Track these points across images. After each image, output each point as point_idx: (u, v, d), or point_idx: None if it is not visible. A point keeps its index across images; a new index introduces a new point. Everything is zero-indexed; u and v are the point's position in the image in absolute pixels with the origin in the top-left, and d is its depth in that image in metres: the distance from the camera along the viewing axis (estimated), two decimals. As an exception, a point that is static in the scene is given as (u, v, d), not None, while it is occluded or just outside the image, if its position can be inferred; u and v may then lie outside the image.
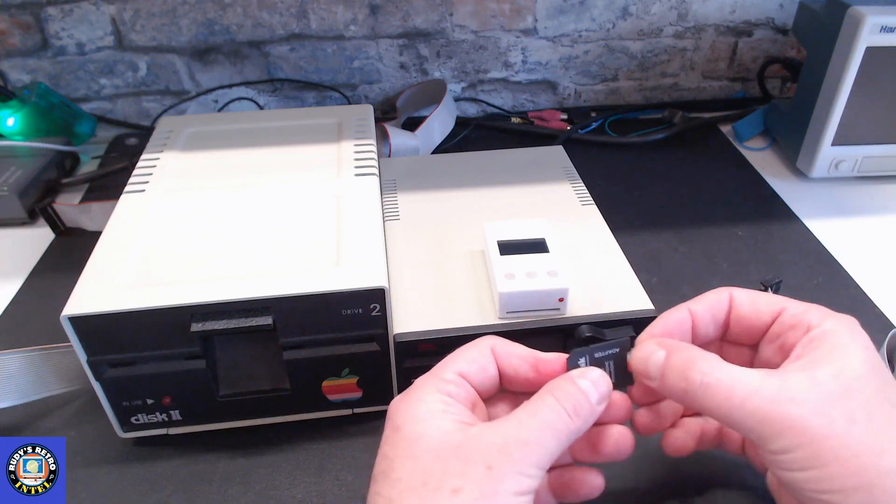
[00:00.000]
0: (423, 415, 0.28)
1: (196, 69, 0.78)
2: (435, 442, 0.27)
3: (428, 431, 0.27)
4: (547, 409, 0.28)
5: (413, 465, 0.27)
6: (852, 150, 0.64)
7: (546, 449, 0.27)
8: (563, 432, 0.28)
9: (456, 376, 0.30)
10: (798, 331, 0.30)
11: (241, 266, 0.39)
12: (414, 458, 0.27)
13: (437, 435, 0.27)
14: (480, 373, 0.31)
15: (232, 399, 0.40)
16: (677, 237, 0.59)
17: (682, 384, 0.29)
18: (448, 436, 0.27)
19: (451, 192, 0.55)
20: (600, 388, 0.30)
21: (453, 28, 0.77)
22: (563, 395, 0.29)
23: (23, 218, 0.63)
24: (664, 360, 0.30)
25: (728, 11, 0.79)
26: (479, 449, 0.26)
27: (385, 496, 0.26)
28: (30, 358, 0.41)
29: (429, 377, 0.30)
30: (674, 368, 0.29)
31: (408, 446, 0.27)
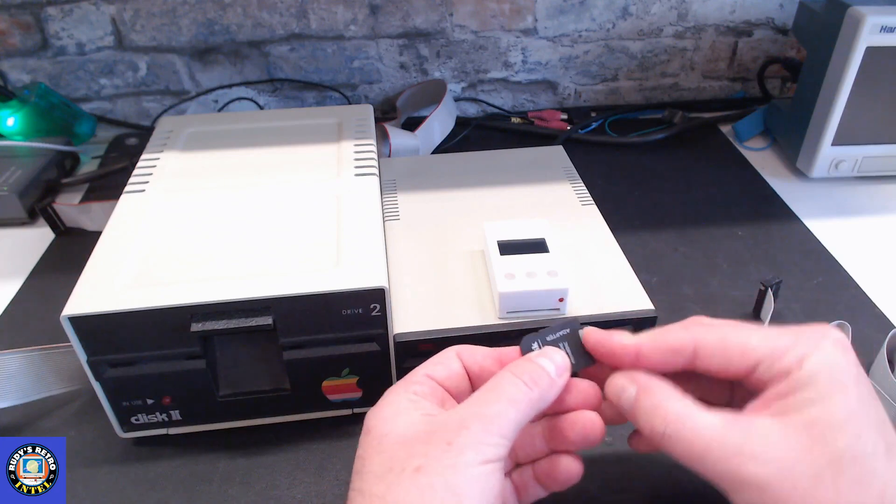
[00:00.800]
0: (390, 414, 0.29)
1: (196, 69, 0.78)
2: (400, 434, 0.28)
3: (395, 428, 0.28)
4: (504, 382, 0.29)
5: (380, 457, 0.28)
6: (852, 150, 0.64)
7: (506, 418, 0.28)
8: (522, 402, 0.28)
9: (423, 377, 0.31)
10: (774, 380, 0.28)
11: (241, 266, 0.39)
12: (381, 451, 0.28)
13: (403, 428, 0.28)
14: (446, 371, 0.32)
15: (232, 399, 0.40)
16: (677, 237, 0.59)
17: (647, 429, 0.28)
18: (413, 426, 0.28)
19: (451, 192, 0.55)
20: (556, 361, 0.30)
21: (453, 28, 0.77)
22: (519, 369, 0.30)
23: (23, 218, 0.63)
24: (635, 398, 0.29)
25: (728, 11, 0.79)
26: (440, 429, 0.27)
27: (357, 489, 0.27)
28: (30, 358, 0.41)
29: (398, 384, 0.31)
30: (641, 412, 0.29)
31: (376, 444, 0.28)
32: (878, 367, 0.44)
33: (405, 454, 0.27)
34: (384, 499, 0.26)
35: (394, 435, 0.28)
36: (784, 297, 0.51)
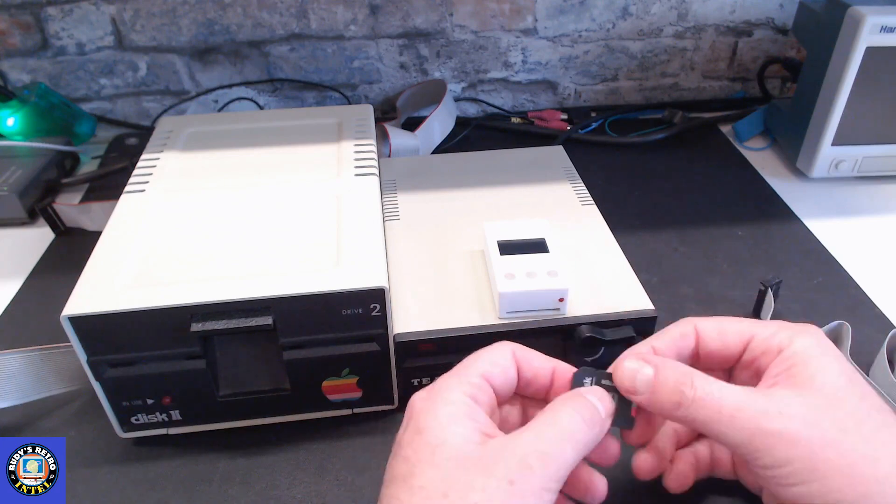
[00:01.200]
0: (446, 419, 0.28)
1: (196, 69, 0.78)
2: (457, 450, 0.27)
3: (451, 439, 0.27)
4: (565, 419, 0.28)
5: (435, 473, 0.26)
6: (852, 150, 0.64)
7: (565, 460, 0.27)
8: (581, 442, 0.28)
9: (481, 379, 0.30)
10: (770, 355, 0.30)
11: (241, 266, 0.39)
12: (436, 465, 0.26)
13: (460, 443, 0.27)
14: (502, 376, 0.31)
15: (232, 399, 0.40)
16: (677, 237, 0.59)
17: (675, 398, 0.28)
18: (470, 445, 0.27)
19: (451, 192, 0.55)
20: (605, 404, 0.30)
21: (453, 28, 0.77)
22: (577, 403, 0.29)
23: (23, 218, 0.63)
24: (654, 375, 0.30)
25: (728, 11, 0.79)
26: (501, 461, 0.26)
27: (403, 502, 0.26)
28: (30, 358, 0.41)
29: (453, 377, 0.30)
30: (666, 383, 0.29)
31: (430, 452, 0.27)
32: (878, 367, 0.44)
33: (463, 482, 0.26)
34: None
35: (450, 448, 0.27)
36: (784, 297, 0.51)
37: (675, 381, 0.29)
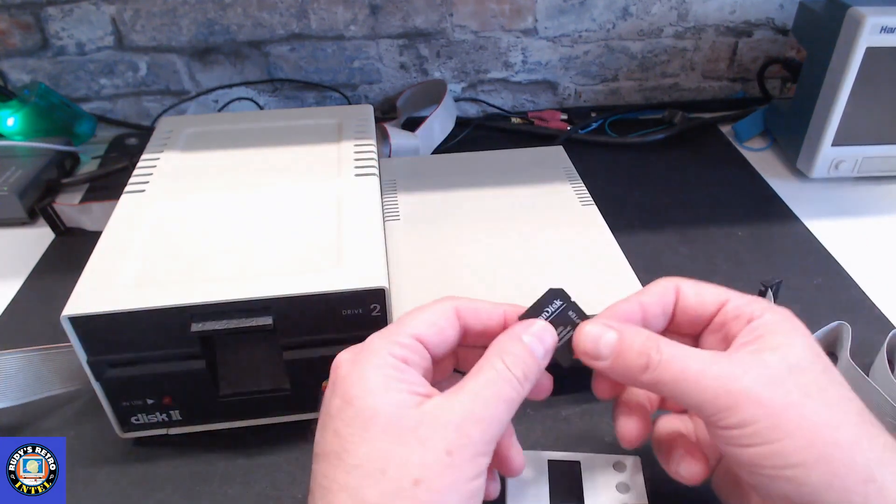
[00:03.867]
0: (375, 385, 0.27)
1: (196, 69, 0.78)
2: (391, 421, 0.26)
3: (383, 408, 0.26)
4: (500, 380, 0.28)
5: (369, 448, 0.25)
6: (852, 150, 0.64)
7: (500, 421, 0.27)
8: (515, 400, 0.28)
9: (412, 340, 0.29)
10: (741, 321, 0.30)
11: (241, 266, 0.39)
12: (369, 439, 0.26)
13: (393, 411, 0.26)
14: (437, 336, 0.30)
15: (232, 399, 0.40)
16: (677, 237, 0.59)
17: (641, 360, 0.28)
18: (404, 412, 0.26)
19: (451, 192, 0.55)
20: (545, 343, 0.30)
21: (453, 28, 0.77)
22: (512, 359, 0.28)
23: (23, 218, 0.63)
24: (617, 340, 0.29)
25: (728, 12, 0.79)
26: (438, 430, 0.26)
27: (340, 482, 0.25)
28: (30, 358, 0.41)
29: (382, 338, 0.29)
30: (632, 347, 0.29)
31: (362, 425, 0.26)
32: (878, 367, 0.44)
33: (401, 457, 0.25)
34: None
35: (384, 419, 0.26)
36: (784, 297, 0.51)
37: (641, 344, 0.29)
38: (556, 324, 0.31)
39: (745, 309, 0.31)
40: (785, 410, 0.26)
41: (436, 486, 0.25)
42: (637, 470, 0.35)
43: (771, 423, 0.26)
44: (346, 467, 0.25)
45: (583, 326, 0.30)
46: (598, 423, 0.42)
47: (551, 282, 0.44)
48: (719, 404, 0.27)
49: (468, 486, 0.26)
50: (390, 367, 0.28)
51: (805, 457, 0.25)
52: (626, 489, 0.34)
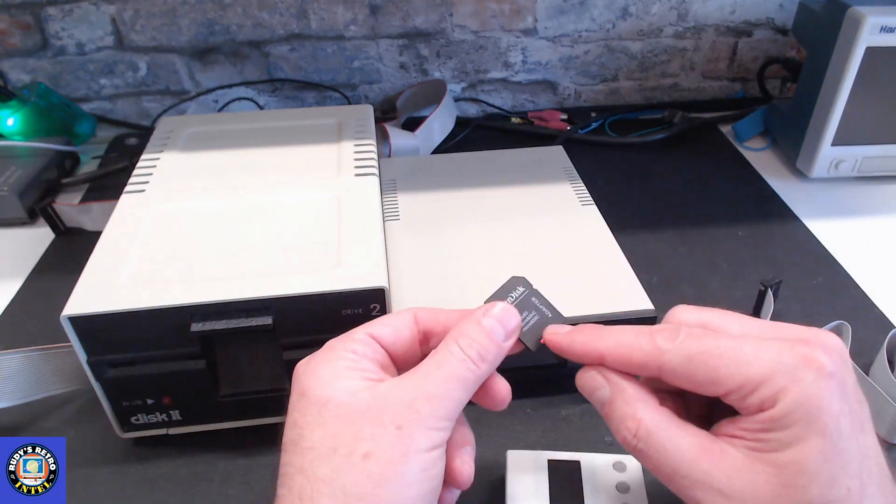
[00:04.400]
0: (328, 376, 0.27)
1: (196, 69, 0.78)
2: (343, 405, 0.26)
3: (335, 394, 0.27)
4: (452, 360, 0.28)
5: (323, 431, 0.26)
6: (852, 150, 0.64)
7: (454, 400, 0.27)
8: (471, 380, 0.28)
9: (365, 336, 0.30)
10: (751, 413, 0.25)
11: (241, 266, 0.39)
12: (323, 424, 0.26)
13: (345, 397, 0.27)
14: (393, 336, 0.30)
15: (232, 399, 0.40)
16: (677, 237, 0.59)
17: (619, 434, 0.28)
18: (355, 396, 0.27)
19: (451, 192, 0.55)
20: (507, 325, 0.30)
21: (453, 28, 0.77)
22: (468, 341, 0.28)
23: (23, 218, 0.63)
24: (610, 399, 0.28)
25: (728, 11, 0.79)
26: (388, 408, 0.26)
27: (297, 466, 0.26)
28: (30, 358, 0.41)
29: (337, 339, 0.30)
30: (614, 417, 0.28)
31: (316, 412, 0.27)
32: (878, 367, 0.44)
33: (352, 434, 0.26)
34: (330, 485, 0.25)
35: (335, 404, 0.26)
36: (784, 297, 0.51)
37: (620, 417, 0.27)
38: (520, 309, 0.31)
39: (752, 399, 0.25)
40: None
41: (385, 457, 0.25)
42: (637, 470, 0.35)
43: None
44: (302, 451, 0.26)
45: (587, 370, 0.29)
46: (598, 423, 0.42)
47: (551, 282, 0.44)
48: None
49: (420, 457, 0.26)
50: (342, 359, 0.28)
51: None
52: (626, 489, 0.34)
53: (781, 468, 0.24)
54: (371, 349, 0.29)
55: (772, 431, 0.25)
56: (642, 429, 0.27)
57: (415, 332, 0.31)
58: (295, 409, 0.28)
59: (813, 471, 0.24)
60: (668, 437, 0.26)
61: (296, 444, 0.27)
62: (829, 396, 0.24)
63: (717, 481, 0.25)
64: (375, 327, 0.30)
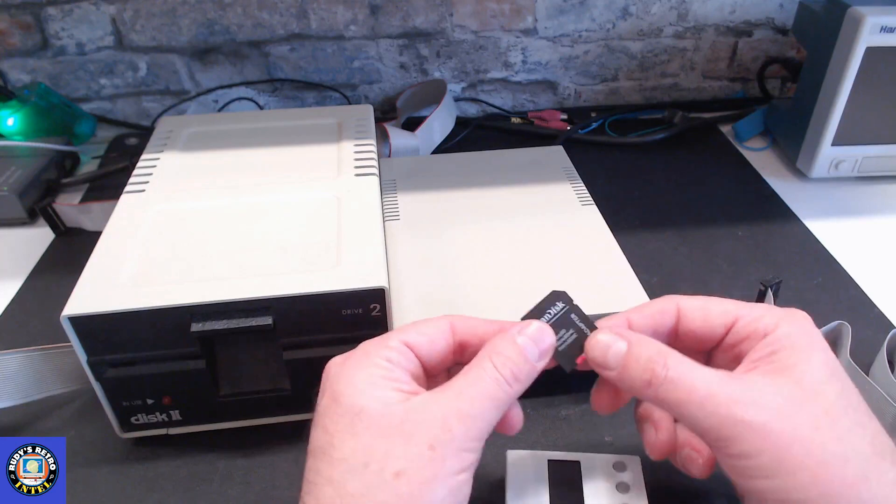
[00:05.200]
0: (363, 384, 0.27)
1: (196, 69, 0.78)
2: (377, 417, 0.26)
3: (369, 405, 0.27)
4: (486, 378, 0.28)
5: (354, 443, 0.26)
6: (852, 150, 0.64)
7: (486, 420, 0.27)
8: (503, 400, 0.28)
9: (400, 344, 0.29)
10: (753, 339, 0.29)
11: (241, 266, 0.39)
12: (355, 435, 0.26)
13: (379, 408, 0.26)
14: (428, 346, 0.30)
15: (232, 399, 0.40)
16: (677, 237, 0.59)
17: (645, 375, 0.28)
18: (389, 409, 0.26)
19: (451, 192, 0.55)
20: (541, 344, 0.30)
21: (453, 28, 0.77)
22: (502, 360, 0.28)
23: (23, 218, 0.63)
24: (626, 350, 0.29)
25: (728, 11, 0.79)
26: (421, 425, 0.26)
27: (325, 476, 0.26)
28: (30, 358, 0.41)
29: (371, 343, 0.29)
30: (638, 360, 0.28)
31: (348, 421, 0.26)
32: (878, 367, 0.44)
33: (384, 450, 0.26)
34: (360, 501, 0.25)
35: (368, 416, 0.26)
36: (784, 297, 0.51)
37: (647, 358, 0.28)
38: (557, 327, 0.31)
39: (757, 325, 0.29)
40: (791, 445, 0.25)
41: (416, 479, 0.25)
42: (637, 470, 0.35)
43: (775, 457, 0.25)
44: (332, 461, 0.26)
45: (595, 335, 0.30)
46: (598, 423, 0.42)
47: (551, 281, 0.44)
48: (723, 433, 0.26)
49: (451, 480, 0.26)
50: (377, 366, 0.28)
51: (808, 494, 0.25)
52: (627, 489, 0.34)
53: (799, 381, 0.27)
54: (405, 358, 0.29)
55: (778, 353, 0.28)
56: (672, 358, 0.28)
57: (450, 342, 0.31)
58: (326, 415, 0.27)
59: (826, 379, 0.27)
60: (694, 367, 0.28)
61: (325, 452, 0.26)
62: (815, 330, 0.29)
63: (750, 395, 0.26)
64: (411, 335, 0.30)
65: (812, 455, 0.25)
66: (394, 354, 0.29)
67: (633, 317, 0.31)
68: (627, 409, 0.43)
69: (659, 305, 0.32)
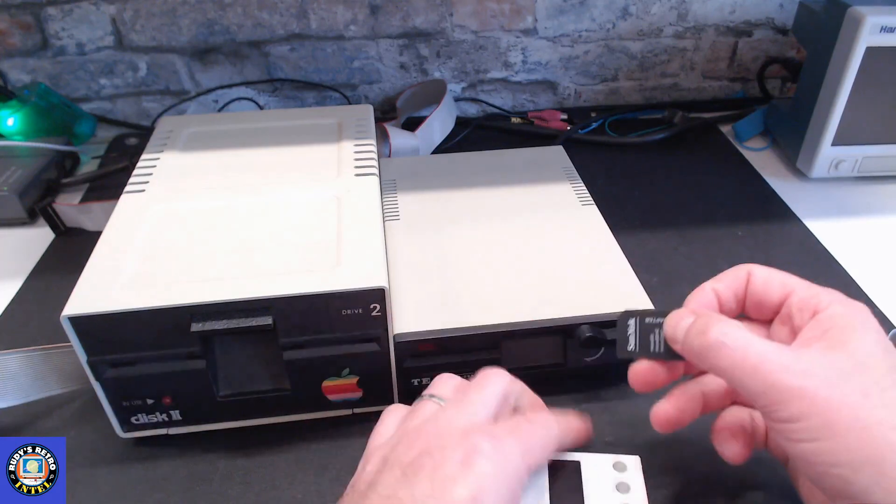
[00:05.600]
0: (503, 497, 0.28)
1: (196, 69, 0.78)
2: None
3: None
4: None
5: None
6: (852, 150, 0.64)
7: None
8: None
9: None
10: (805, 314, 0.30)
11: (241, 266, 0.39)
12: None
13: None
14: None
15: (232, 399, 0.40)
16: (677, 237, 0.59)
17: (699, 340, 0.29)
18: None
19: (451, 192, 0.55)
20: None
21: (453, 28, 0.77)
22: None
23: (23, 218, 0.63)
24: (692, 322, 0.31)
25: (728, 11, 0.79)
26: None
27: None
28: (30, 358, 0.41)
29: (521, 452, 0.30)
30: (695, 326, 0.30)
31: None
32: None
33: None
34: None
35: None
36: (784, 297, 0.51)
37: (704, 324, 0.30)
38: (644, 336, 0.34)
39: (809, 302, 0.31)
40: (839, 410, 0.26)
41: None
42: (637, 470, 0.35)
43: (822, 421, 0.26)
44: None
45: (670, 315, 0.32)
46: (597, 423, 0.42)
47: (551, 282, 0.44)
48: (772, 397, 0.27)
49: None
50: (518, 485, 0.29)
51: (853, 457, 0.26)
52: (627, 489, 0.34)
53: (851, 354, 0.27)
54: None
55: (832, 330, 0.29)
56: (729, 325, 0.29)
57: None
58: None
59: (877, 355, 0.28)
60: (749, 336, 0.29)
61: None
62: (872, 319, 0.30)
63: (801, 364, 0.27)
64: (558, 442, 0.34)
65: (860, 419, 0.26)
66: (525, 475, 0.30)
67: (716, 286, 0.34)
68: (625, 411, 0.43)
69: (734, 272, 0.34)
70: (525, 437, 0.31)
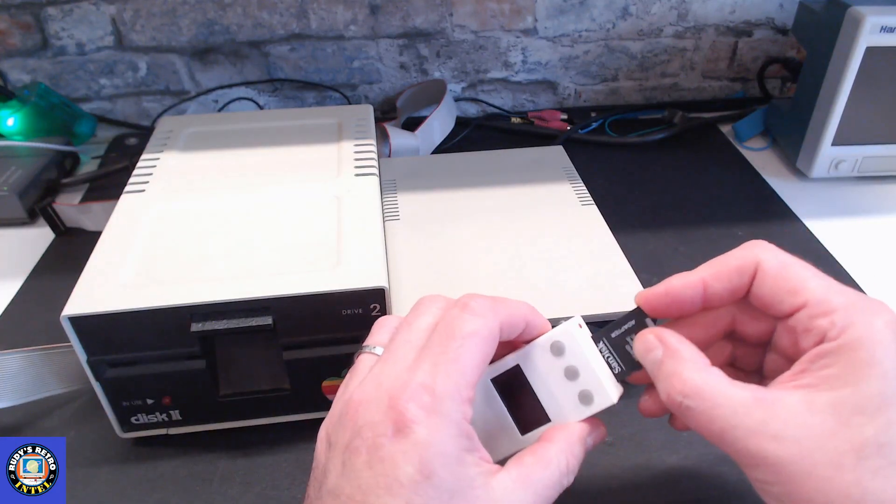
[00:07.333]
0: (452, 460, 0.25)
1: (196, 69, 0.78)
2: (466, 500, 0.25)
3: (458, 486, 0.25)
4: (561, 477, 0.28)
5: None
6: (852, 150, 0.64)
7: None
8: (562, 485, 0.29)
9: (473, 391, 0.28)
10: (810, 337, 0.27)
11: (241, 266, 0.39)
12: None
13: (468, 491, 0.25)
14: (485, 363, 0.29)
15: (232, 399, 0.40)
16: (677, 237, 0.59)
17: (666, 399, 0.27)
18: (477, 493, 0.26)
19: (451, 192, 0.55)
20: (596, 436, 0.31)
21: (453, 28, 0.77)
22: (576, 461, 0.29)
23: (23, 218, 0.63)
24: (661, 360, 0.28)
25: (728, 11, 0.79)
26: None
27: None
28: (30, 358, 0.41)
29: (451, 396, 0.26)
30: (662, 381, 0.28)
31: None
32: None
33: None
34: None
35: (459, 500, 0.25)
36: (784, 297, 0.51)
37: (671, 378, 0.27)
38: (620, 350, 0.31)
39: (819, 324, 0.26)
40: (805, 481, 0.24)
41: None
42: (577, 342, 0.31)
43: (787, 490, 0.24)
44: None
45: (643, 334, 0.30)
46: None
47: (551, 282, 0.44)
48: (740, 460, 0.26)
49: None
50: (464, 436, 0.26)
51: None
52: (576, 374, 0.31)
53: (838, 407, 0.24)
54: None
55: (831, 367, 0.25)
56: (690, 385, 0.26)
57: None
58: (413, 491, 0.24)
59: (871, 411, 0.24)
60: (720, 392, 0.26)
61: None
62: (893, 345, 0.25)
63: (772, 427, 0.25)
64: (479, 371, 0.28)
65: (825, 494, 0.24)
66: (469, 409, 0.27)
67: (711, 281, 0.29)
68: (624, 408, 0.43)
69: (737, 263, 0.29)
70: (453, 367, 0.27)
